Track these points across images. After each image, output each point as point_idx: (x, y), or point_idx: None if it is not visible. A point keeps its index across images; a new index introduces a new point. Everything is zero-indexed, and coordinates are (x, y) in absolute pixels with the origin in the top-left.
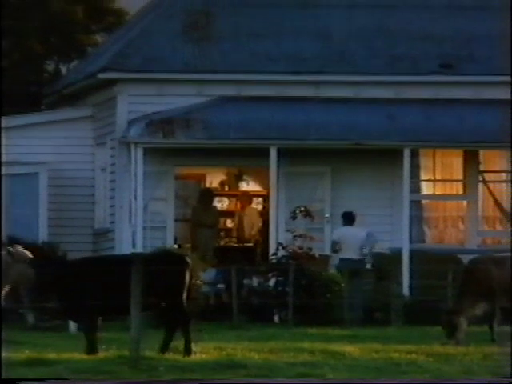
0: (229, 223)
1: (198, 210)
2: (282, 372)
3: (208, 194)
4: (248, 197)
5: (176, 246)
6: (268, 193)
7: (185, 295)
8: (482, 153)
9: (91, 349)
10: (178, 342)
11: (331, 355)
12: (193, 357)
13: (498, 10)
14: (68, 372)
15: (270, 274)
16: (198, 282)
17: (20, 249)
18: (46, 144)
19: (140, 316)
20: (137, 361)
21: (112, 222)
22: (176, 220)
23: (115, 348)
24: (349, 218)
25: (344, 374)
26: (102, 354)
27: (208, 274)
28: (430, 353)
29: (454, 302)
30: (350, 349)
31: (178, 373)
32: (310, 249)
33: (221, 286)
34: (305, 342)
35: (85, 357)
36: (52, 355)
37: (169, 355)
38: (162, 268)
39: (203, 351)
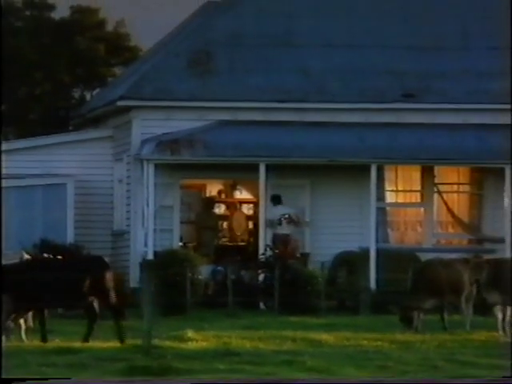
0: (225, 225)
1: (201, 214)
2: (269, 359)
3: (209, 202)
4: (236, 203)
5: (181, 244)
6: (258, 200)
7: (113, 293)
8: (436, 168)
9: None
10: (181, 332)
11: (310, 343)
12: (195, 345)
13: (451, 50)
14: (91, 359)
15: (259, 271)
16: (200, 276)
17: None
18: (72, 159)
19: (151, 310)
20: (148, 350)
21: (128, 225)
22: (181, 222)
23: (130, 336)
24: (277, 200)
25: (321, 362)
26: (117, 343)
27: (208, 269)
28: (393, 340)
29: (408, 298)
30: (326, 337)
31: (182, 361)
32: (293, 249)
33: (218, 279)
34: (288, 331)
35: (104, 345)
36: (77, 344)
37: (175, 343)
38: (90, 270)
39: (204, 339)
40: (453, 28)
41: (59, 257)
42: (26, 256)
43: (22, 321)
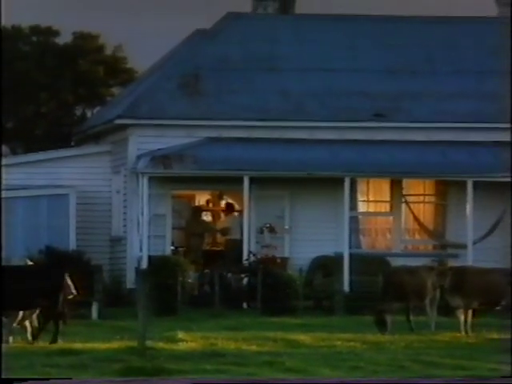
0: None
1: (191, 222)
2: (251, 360)
3: (198, 210)
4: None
5: (172, 248)
6: (242, 209)
7: (61, 297)
8: (404, 181)
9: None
10: (172, 333)
11: (289, 343)
12: (185, 346)
13: (418, 74)
14: (91, 360)
15: (243, 275)
16: (190, 280)
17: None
18: (74, 172)
19: (146, 315)
20: (143, 351)
21: (124, 232)
22: (173, 228)
23: (128, 336)
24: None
25: (298, 362)
26: (116, 344)
27: (196, 274)
28: (364, 341)
29: (379, 303)
30: (303, 337)
31: (174, 361)
32: (274, 256)
33: (206, 283)
34: (269, 332)
35: (103, 346)
36: (79, 345)
37: (167, 345)
38: (41, 277)
39: (193, 340)
40: (420, 54)
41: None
42: (30, 263)
43: (27, 322)
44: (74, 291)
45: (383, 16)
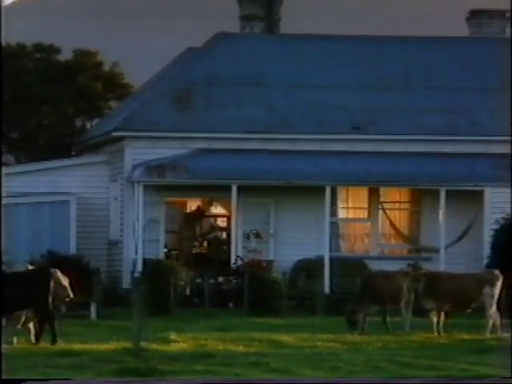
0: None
1: (183, 227)
2: (239, 360)
3: (189, 217)
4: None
5: (165, 251)
6: (230, 215)
7: (50, 300)
8: (381, 189)
9: None
10: (165, 334)
11: (274, 344)
12: (177, 346)
13: (393, 90)
14: (89, 361)
15: (231, 277)
16: (182, 283)
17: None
18: (75, 180)
19: (140, 318)
20: (137, 352)
21: (121, 236)
22: (166, 232)
23: (124, 337)
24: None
25: (282, 363)
26: (113, 345)
27: (188, 276)
28: (343, 341)
29: (354, 304)
30: (286, 338)
31: (166, 362)
32: (260, 260)
33: (197, 284)
34: (255, 333)
35: (101, 347)
36: (78, 346)
37: (160, 346)
38: (31, 281)
39: (184, 341)
40: (395, 71)
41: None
42: (30, 268)
43: (31, 324)
44: (71, 294)
45: (361, 36)
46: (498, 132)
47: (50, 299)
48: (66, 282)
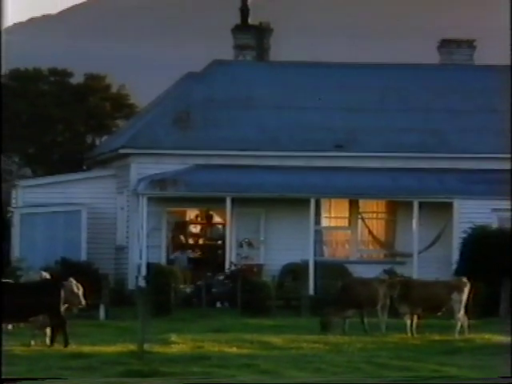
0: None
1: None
2: (232, 362)
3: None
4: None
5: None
6: (225, 223)
7: (61, 308)
8: (360, 201)
9: None
10: (166, 336)
11: (263, 345)
12: (177, 348)
13: (372, 111)
14: (98, 363)
15: (226, 281)
16: (181, 286)
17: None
18: (86, 192)
19: (144, 322)
20: (141, 355)
21: (127, 242)
22: (166, 237)
23: (130, 338)
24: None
25: (271, 365)
26: (119, 347)
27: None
28: (326, 342)
29: (330, 308)
30: (275, 339)
31: (167, 364)
32: (251, 265)
33: (194, 288)
34: (247, 334)
35: (109, 349)
36: (88, 349)
37: (161, 348)
38: (44, 291)
39: (184, 342)
40: (374, 95)
41: (45, 274)
42: (45, 275)
43: (48, 329)
44: (83, 302)
45: (342, 63)
46: (466, 149)
47: (62, 307)
48: (79, 290)
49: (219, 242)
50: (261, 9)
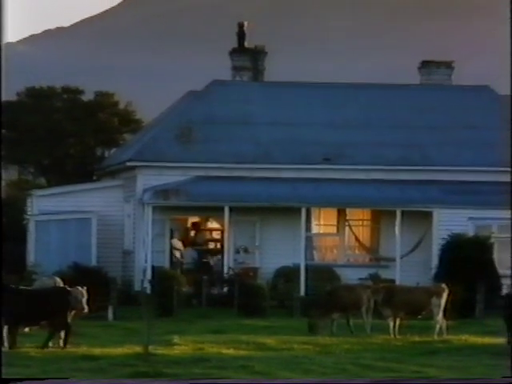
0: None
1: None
2: (230, 363)
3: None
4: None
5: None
6: (223, 229)
7: (68, 314)
8: (347, 209)
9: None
10: (169, 337)
11: (258, 347)
12: (180, 349)
13: (357, 127)
14: (107, 365)
15: (224, 285)
16: (183, 289)
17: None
18: (95, 200)
19: (148, 326)
20: (147, 357)
21: (133, 247)
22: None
23: (136, 340)
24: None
25: (265, 366)
26: (127, 349)
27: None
28: (316, 343)
29: (317, 311)
30: (269, 340)
31: (170, 366)
32: (247, 269)
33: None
34: (243, 335)
35: (117, 352)
36: (98, 351)
37: (165, 350)
38: (51, 297)
39: (185, 344)
40: (360, 112)
41: (59, 281)
42: (58, 280)
43: (62, 333)
44: (86, 308)
45: (331, 83)
46: (444, 163)
47: (69, 313)
48: (83, 297)
49: (203, 247)
50: (256, 34)
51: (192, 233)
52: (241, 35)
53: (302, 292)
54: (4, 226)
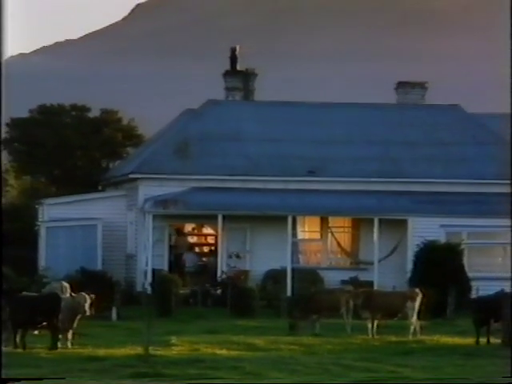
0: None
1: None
2: (223, 364)
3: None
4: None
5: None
6: (217, 234)
7: (59, 317)
8: (330, 218)
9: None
10: (167, 338)
11: (248, 347)
12: (177, 350)
13: (340, 143)
14: (111, 366)
15: (217, 287)
16: (181, 291)
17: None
18: (101, 208)
19: (148, 327)
20: (147, 358)
21: (136, 251)
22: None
23: (138, 340)
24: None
25: (255, 367)
26: (129, 350)
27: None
28: (301, 344)
29: (298, 312)
30: (259, 341)
31: (168, 367)
32: (239, 273)
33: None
34: (235, 336)
35: (119, 353)
36: (102, 352)
37: (163, 351)
38: (45, 302)
39: (182, 344)
40: (341, 129)
41: (65, 286)
42: (65, 285)
43: (69, 334)
44: (87, 311)
45: (315, 103)
46: (418, 175)
47: (60, 317)
48: (86, 302)
49: (182, 251)
50: (247, 57)
51: (173, 238)
52: (233, 59)
53: (289, 292)
54: (17, 231)
